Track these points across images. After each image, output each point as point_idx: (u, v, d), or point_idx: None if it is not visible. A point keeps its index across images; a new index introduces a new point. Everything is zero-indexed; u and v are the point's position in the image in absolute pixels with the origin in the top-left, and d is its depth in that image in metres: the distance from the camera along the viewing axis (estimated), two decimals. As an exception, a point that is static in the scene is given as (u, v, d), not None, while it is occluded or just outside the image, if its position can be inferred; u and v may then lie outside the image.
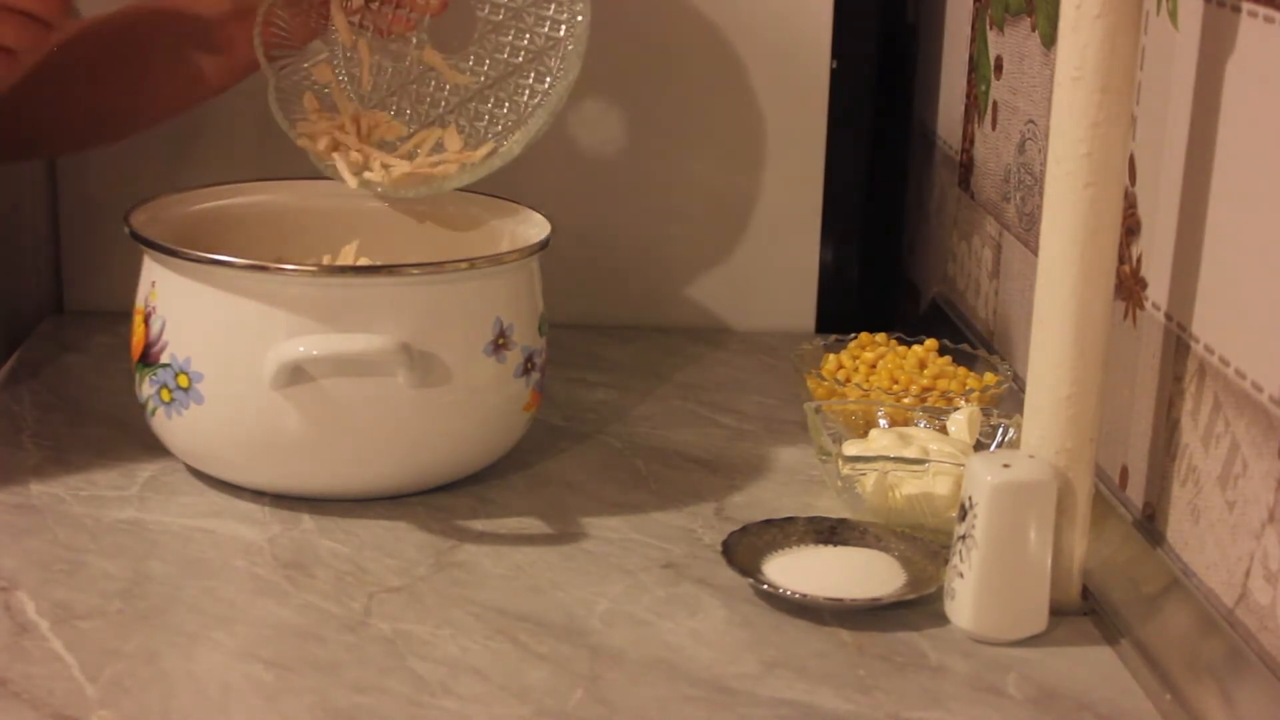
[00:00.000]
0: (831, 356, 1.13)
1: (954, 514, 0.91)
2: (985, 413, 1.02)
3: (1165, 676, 0.82)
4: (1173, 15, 0.87)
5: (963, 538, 0.86)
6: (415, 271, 0.97)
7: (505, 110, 1.07)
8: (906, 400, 1.06)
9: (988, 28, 1.21)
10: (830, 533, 0.94)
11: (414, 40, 1.08)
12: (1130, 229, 0.92)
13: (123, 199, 1.05)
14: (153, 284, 0.98)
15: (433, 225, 1.11)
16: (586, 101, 1.30)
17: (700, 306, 1.35)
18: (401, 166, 1.04)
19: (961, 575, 0.86)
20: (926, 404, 1.05)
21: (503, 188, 1.12)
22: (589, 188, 1.32)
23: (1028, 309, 0.90)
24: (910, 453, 0.97)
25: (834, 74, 1.32)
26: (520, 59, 1.07)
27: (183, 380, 0.96)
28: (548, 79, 1.06)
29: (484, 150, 1.05)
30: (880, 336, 1.16)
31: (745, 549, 0.91)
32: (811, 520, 0.95)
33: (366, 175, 1.04)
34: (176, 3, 1.11)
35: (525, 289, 1.01)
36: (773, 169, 1.33)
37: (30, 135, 1.13)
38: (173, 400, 0.97)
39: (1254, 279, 0.79)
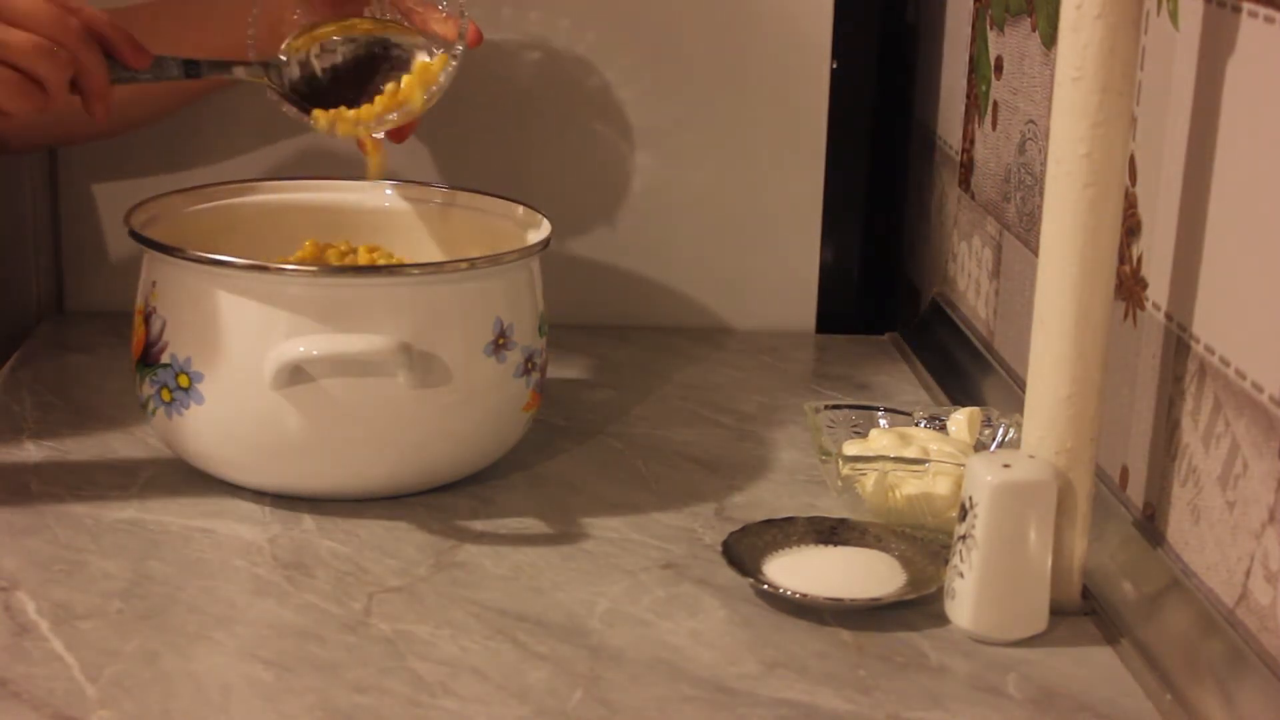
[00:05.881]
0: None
1: (954, 514, 0.91)
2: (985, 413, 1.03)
3: (1165, 676, 0.82)
4: (1173, 15, 0.87)
5: (963, 538, 0.86)
6: (415, 271, 0.98)
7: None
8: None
9: (988, 28, 1.21)
10: (830, 533, 0.94)
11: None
12: (1130, 229, 0.92)
13: (123, 199, 1.05)
14: (153, 284, 0.98)
15: (433, 225, 1.11)
16: (587, 102, 1.30)
17: (700, 306, 1.35)
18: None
19: (961, 575, 0.86)
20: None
21: (503, 188, 1.12)
22: (589, 187, 1.32)
23: (1028, 309, 0.90)
24: (910, 453, 0.97)
25: (834, 74, 1.32)
26: None
27: (183, 380, 0.96)
28: None
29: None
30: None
31: (745, 549, 0.91)
32: (812, 520, 0.95)
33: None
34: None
35: (525, 289, 1.01)
36: (773, 169, 1.33)
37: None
38: (173, 400, 0.97)
39: (1254, 279, 0.79)
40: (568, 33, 1.29)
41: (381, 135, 1.06)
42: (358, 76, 1.05)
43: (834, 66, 1.31)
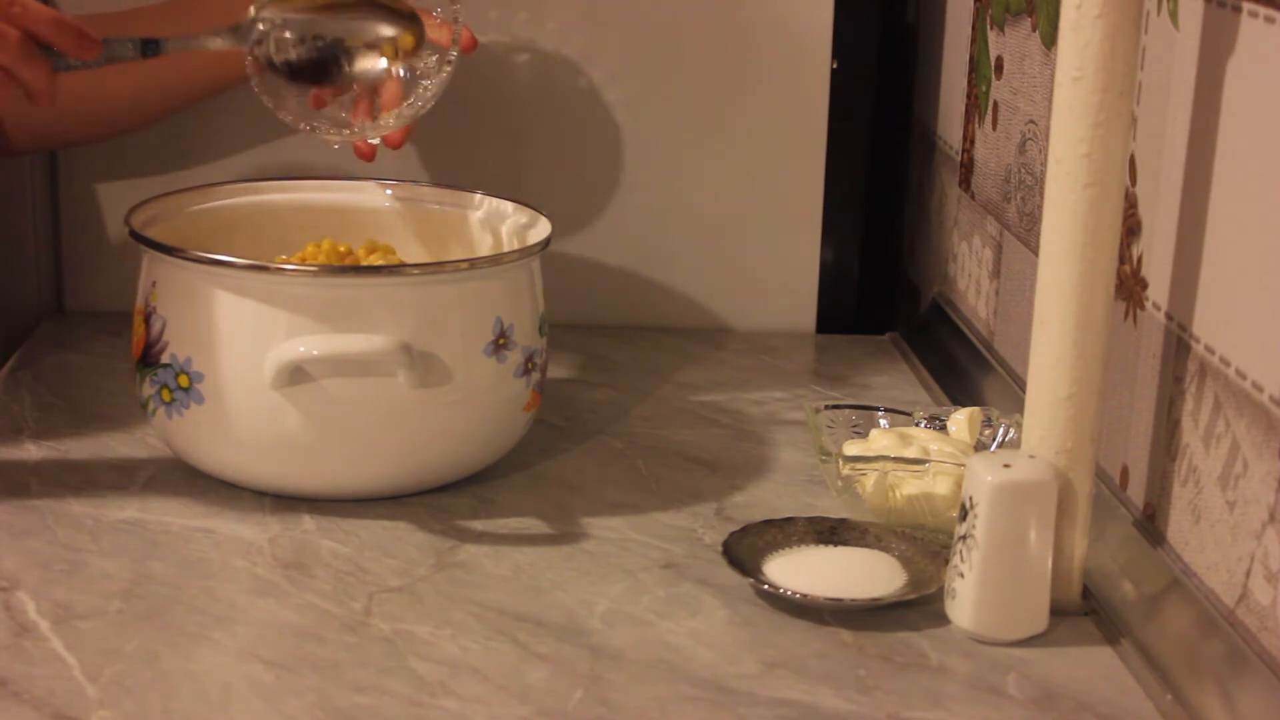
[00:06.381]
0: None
1: (954, 514, 0.91)
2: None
3: (1165, 676, 0.82)
4: (1173, 15, 0.87)
5: (963, 538, 0.86)
6: (415, 271, 0.98)
7: None
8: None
9: (988, 28, 1.21)
10: (830, 533, 0.94)
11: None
12: (1130, 229, 0.92)
13: (123, 199, 1.05)
14: (153, 284, 0.98)
15: (433, 225, 1.11)
16: (587, 101, 1.30)
17: (700, 306, 1.35)
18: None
19: (962, 575, 0.86)
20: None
21: (503, 187, 1.12)
22: (589, 188, 1.32)
23: (1028, 309, 0.90)
24: (910, 453, 0.97)
25: (834, 74, 1.32)
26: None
27: (183, 380, 0.96)
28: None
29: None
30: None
31: (745, 549, 0.91)
32: (812, 520, 0.95)
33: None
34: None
35: (525, 289, 1.01)
36: (773, 169, 1.33)
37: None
38: (173, 400, 0.97)
39: (1254, 279, 0.79)
40: (568, 33, 1.29)
41: (377, 140, 1.05)
42: (336, 54, 1.03)
43: (834, 66, 1.31)
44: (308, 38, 1.01)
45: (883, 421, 1.04)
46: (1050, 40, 1.06)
